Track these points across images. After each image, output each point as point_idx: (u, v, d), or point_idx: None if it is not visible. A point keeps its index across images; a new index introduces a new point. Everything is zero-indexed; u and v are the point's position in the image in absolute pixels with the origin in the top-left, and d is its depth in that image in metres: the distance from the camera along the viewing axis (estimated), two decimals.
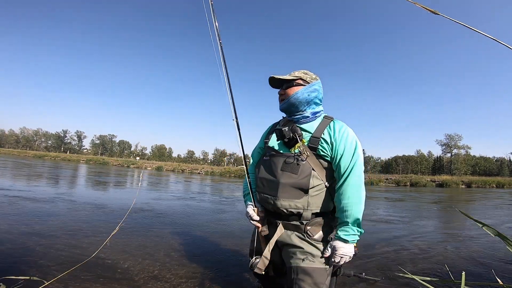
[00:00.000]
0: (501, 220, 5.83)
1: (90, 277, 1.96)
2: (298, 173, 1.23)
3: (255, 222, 1.35)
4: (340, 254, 1.19)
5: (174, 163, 42.49)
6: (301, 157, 1.24)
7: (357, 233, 1.20)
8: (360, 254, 2.89)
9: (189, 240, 3.13)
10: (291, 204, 1.24)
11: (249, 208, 1.38)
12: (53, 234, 2.94)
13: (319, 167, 1.26)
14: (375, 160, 79.01)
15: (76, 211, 4.23)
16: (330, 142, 1.27)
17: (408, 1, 0.41)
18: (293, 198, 1.23)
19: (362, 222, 1.21)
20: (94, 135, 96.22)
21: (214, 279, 2.09)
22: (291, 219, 1.28)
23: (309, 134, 1.30)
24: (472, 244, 3.49)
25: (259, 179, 1.35)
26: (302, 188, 1.22)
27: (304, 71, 1.40)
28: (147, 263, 2.31)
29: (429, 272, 2.47)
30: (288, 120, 1.40)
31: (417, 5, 0.41)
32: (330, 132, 1.29)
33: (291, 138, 1.28)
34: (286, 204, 1.24)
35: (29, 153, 45.93)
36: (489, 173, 55.39)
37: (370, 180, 24.67)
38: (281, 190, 1.24)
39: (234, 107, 1.41)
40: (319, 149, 1.26)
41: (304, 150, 1.25)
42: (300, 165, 1.23)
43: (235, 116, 1.41)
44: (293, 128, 1.29)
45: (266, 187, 1.30)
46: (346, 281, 2.15)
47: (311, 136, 1.29)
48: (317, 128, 1.31)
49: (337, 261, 1.20)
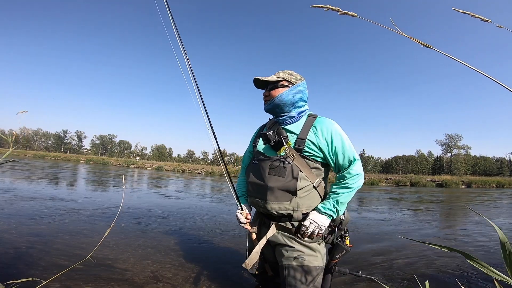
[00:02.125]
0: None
1: (90, 277, 1.96)
2: (285, 176, 1.24)
3: (243, 225, 1.39)
4: (311, 218, 1.24)
5: (174, 163, 42.48)
6: (288, 159, 1.25)
7: (333, 208, 1.25)
8: (356, 253, 2.89)
9: (188, 240, 3.13)
10: (281, 206, 1.26)
11: (237, 212, 1.43)
12: (52, 234, 2.94)
13: (306, 168, 1.27)
14: (375, 160, 78.91)
15: (75, 211, 4.24)
16: (317, 143, 1.28)
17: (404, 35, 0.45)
18: (283, 201, 1.25)
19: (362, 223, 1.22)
20: (94, 135, 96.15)
21: (214, 279, 2.09)
22: (282, 220, 1.30)
23: (295, 135, 1.31)
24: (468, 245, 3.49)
25: (249, 183, 1.38)
26: (290, 190, 1.24)
27: (288, 72, 1.40)
28: (147, 263, 2.31)
29: (429, 276, 2.47)
30: (274, 122, 1.42)
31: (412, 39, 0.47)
32: (316, 132, 1.30)
33: (276, 141, 1.29)
34: (275, 207, 1.26)
35: (29, 153, 45.92)
36: (489, 173, 55.34)
37: (370, 180, 24.67)
38: (269, 193, 1.26)
39: (208, 116, 1.45)
40: (304, 150, 1.27)
41: (290, 153, 1.26)
42: (286, 168, 1.24)
43: (210, 126, 1.45)
44: (278, 131, 1.32)
45: (256, 191, 1.34)
46: (342, 279, 2.16)
47: (296, 138, 1.30)
48: (302, 129, 1.32)
49: (306, 224, 1.24)
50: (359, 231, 3.97)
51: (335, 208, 1.25)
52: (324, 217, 1.24)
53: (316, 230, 1.23)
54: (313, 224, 1.22)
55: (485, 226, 4.74)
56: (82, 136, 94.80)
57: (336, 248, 1.35)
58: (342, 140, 1.29)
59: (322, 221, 1.23)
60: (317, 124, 1.31)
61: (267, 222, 1.35)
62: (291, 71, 1.41)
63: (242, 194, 1.50)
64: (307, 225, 1.23)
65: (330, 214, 1.25)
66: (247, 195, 1.46)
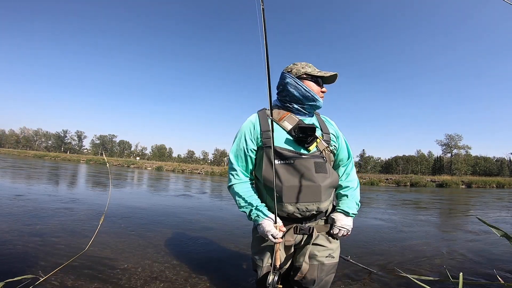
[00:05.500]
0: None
1: (90, 277, 1.96)
2: (329, 172, 1.20)
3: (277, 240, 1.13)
4: (339, 225, 1.22)
5: (174, 163, 42.48)
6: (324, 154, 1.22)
7: (356, 206, 1.27)
8: (360, 249, 2.89)
9: (188, 240, 3.13)
10: (327, 204, 1.23)
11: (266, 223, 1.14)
12: (50, 232, 2.95)
13: (331, 162, 1.30)
14: (375, 160, 78.87)
15: (74, 211, 4.24)
16: (336, 136, 1.32)
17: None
18: (329, 197, 1.24)
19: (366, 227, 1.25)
20: (94, 135, 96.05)
21: (214, 279, 2.10)
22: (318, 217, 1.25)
23: (319, 129, 1.28)
24: (478, 244, 3.49)
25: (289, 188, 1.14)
26: (334, 186, 1.26)
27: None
28: (147, 263, 2.32)
29: (429, 271, 2.47)
30: (287, 115, 1.25)
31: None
32: (332, 127, 1.35)
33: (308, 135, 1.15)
34: (326, 205, 1.22)
35: (29, 153, 45.95)
36: (489, 173, 55.29)
37: (371, 180, 24.66)
38: (323, 193, 1.17)
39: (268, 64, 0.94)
40: (331, 144, 1.27)
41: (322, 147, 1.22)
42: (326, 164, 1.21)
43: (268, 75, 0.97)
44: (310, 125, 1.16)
45: (305, 194, 1.14)
46: (342, 272, 2.26)
47: (322, 132, 1.27)
48: (319, 122, 1.31)
49: (335, 232, 1.22)
50: (361, 231, 3.98)
51: (356, 205, 1.28)
52: (350, 219, 1.25)
53: (346, 233, 1.24)
54: (343, 230, 1.23)
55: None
56: (82, 136, 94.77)
57: None
58: (343, 136, 1.37)
59: (350, 224, 1.24)
60: (326, 119, 1.37)
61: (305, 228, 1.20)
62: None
63: (260, 204, 1.21)
64: (337, 232, 1.23)
65: (355, 214, 1.28)
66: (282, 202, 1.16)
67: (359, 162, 77.02)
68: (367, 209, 6.95)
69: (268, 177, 1.17)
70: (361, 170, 70.21)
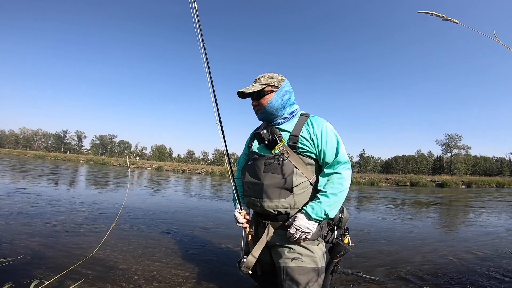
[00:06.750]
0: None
1: (90, 277, 1.96)
2: (281, 173, 1.24)
3: (241, 224, 1.40)
4: (296, 225, 1.19)
5: (174, 163, 42.47)
6: (283, 156, 1.26)
7: (322, 214, 1.20)
8: (360, 253, 2.89)
9: (188, 240, 3.13)
10: (278, 204, 1.25)
11: (236, 211, 1.43)
12: (53, 234, 2.94)
13: (302, 164, 1.27)
14: (375, 160, 78.82)
15: (75, 212, 4.24)
16: (310, 138, 1.29)
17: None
18: (279, 198, 1.24)
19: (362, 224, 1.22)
20: (94, 135, 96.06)
21: (214, 279, 2.09)
22: (279, 218, 1.29)
23: (288, 133, 1.32)
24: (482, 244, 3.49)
25: (245, 183, 1.39)
26: (286, 187, 1.23)
27: (269, 75, 1.37)
28: (147, 263, 2.31)
29: (430, 275, 2.46)
30: (268, 124, 1.44)
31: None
32: (308, 128, 1.31)
33: (270, 140, 1.31)
34: (272, 205, 1.25)
35: (29, 153, 45.92)
36: (489, 173, 55.27)
37: (370, 180, 24.67)
38: (265, 191, 1.25)
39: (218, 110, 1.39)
40: (298, 146, 1.28)
41: (284, 150, 1.27)
42: (281, 165, 1.24)
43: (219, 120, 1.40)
44: (272, 130, 1.33)
45: (252, 190, 1.33)
46: (343, 279, 2.15)
47: (290, 135, 1.31)
48: (295, 126, 1.33)
49: (292, 232, 1.20)
50: (360, 231, 3.98)
51: (325, 213, 1.20)
52: (311, 222, 1.20)
53: (303, 236, 1.20)
54: (299, 231, 1.19)
55: None
56: (82, 136, 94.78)
57: (336, 247, 1.34)
58: (332, 137, 1.30)
59: (309, 227, 1.19)
60: (309, 121, 1.34)
61: (262, 223, 1.34)
62: (271, 74, 1.39)
63: (241, 194, 1.50)
64: (293, 232, 1.20)
65: (319, 219, 1.21)
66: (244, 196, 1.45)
67: (359, 162, 77.02)
68: (367, 209, 6.95)
69: (241, 174, 1.50)
70: (361, 170, 70.19)
